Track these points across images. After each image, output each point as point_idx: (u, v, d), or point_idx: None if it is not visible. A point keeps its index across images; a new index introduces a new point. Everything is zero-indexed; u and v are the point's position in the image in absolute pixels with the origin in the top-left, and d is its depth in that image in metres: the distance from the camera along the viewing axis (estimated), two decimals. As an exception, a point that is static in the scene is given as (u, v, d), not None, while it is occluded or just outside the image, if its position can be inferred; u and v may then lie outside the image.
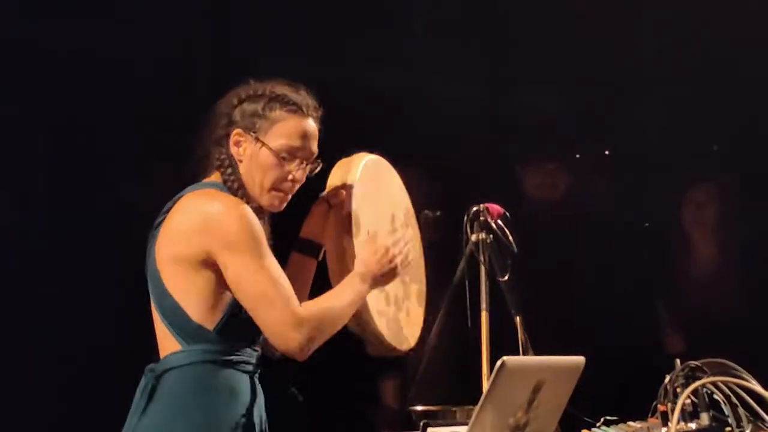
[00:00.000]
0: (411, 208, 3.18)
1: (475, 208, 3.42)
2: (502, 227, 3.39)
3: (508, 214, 3.43)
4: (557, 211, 5.04)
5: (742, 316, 4.74)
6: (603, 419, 2.94)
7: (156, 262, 2.78)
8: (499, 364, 2.44)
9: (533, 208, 5.02)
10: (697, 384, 2.78)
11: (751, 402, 2.78)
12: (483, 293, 3.39)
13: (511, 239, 3.38)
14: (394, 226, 3.06)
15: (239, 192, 2.83)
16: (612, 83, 4.88)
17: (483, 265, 3.38)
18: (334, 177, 2.96)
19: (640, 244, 4.98)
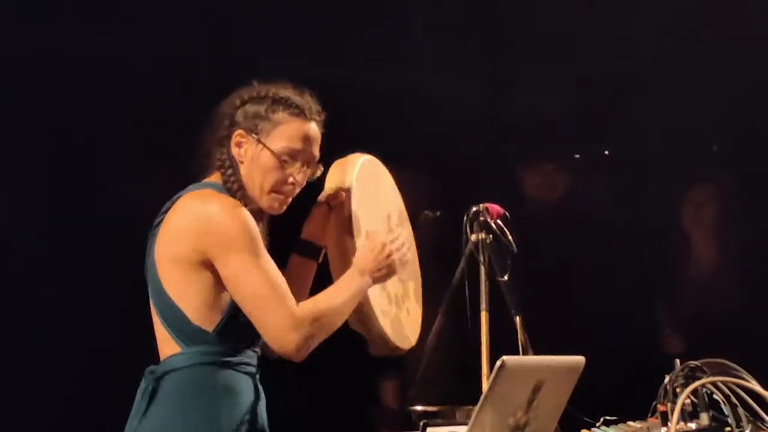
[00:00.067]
0: (404, 207, 3.18)
1: (474, 208, 3.41)
2: (502, 227, 3.39)
3: (507, 214, 3.43)
4: (557, 211, 5.04)
5: (742, 316, 4.74)
6: (603, 419, 2.94)
7: (155, 262, 2.78)
8: (498, 364, 2.44)
9: (533, 208, 5.01)
10: (697, 384, 2.78)
11: (751, 402, 2.78)
12: (483, 293, 3.38)
13: (510, 239, 3.37)
14: (389, 226, 3.06)
15: (239, 193, 2.81)
16: (612, 83, 4.88)
17: (483, 265, 3.38)
18: (332, 178, 2.95)
19: (640, 244, 4.97)
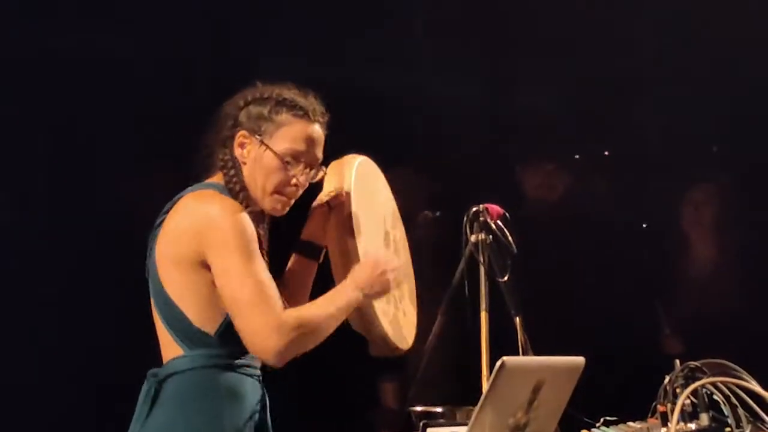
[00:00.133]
0: (396, 208, 3.17)
1: (474, 209, 3.41)
2: (502, 228, 3.39)
3: (507, 214, 3.43)
4: (557, 212, 5.04)
5: (742, 317, 4.74)
6: (603, 419, 2.94)
7: (156, 263, 2.77)
8: (498, 364, 2.44)
9: (533, 209, 5.01)
10: (697, 384, 2.78)
11: (751, 402, 2.79)
12: (483, 294, 3.38)
13: (510, 240, 3.37)
14: (385, 227, 3.06)
15: (241, 194, 2.79)
16: (612, 83, 4.88)
17: (483, 265, 3.38)
18: (330, 179, 2.94)
19: (639, 244, 4.98)
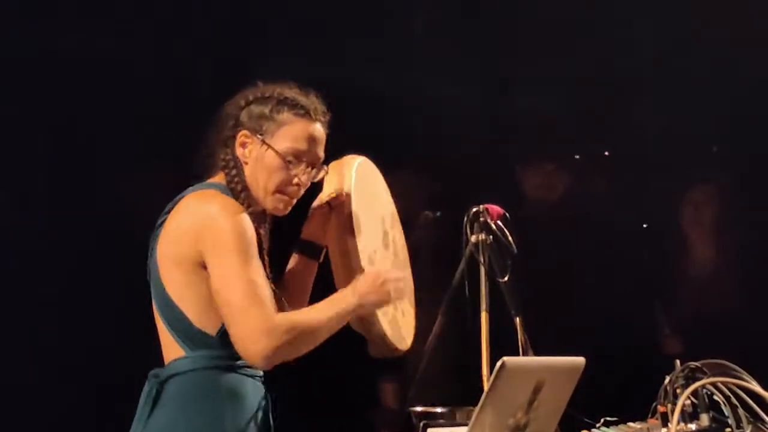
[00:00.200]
0: (395, 209, 3.17)
1: (474, 209, 3.41)
2: (502, 228, 3.39)
3: (507, 214, 3.42)
4: (557, 212, 5.04)
5: (742, 317, 4.74)
6: (603, 420, 2.94)
7: (157, 263, 2.76)
8: (499, 364, 2.44)
9: (533, 209, 5.01)
10: (697, 385, 2.78)
11: (751, 403, 2.79)
12: (483, 294, 3.38)
13: (510, 240, 3.37)
14: (384, 228, 3.06)
15: (242, 194, 2.79)
16: (612, 83, 4.88)
17: (483, 265, 3.38)
18: (330, 180, 2.93)
19: (639, 244, 4.97)
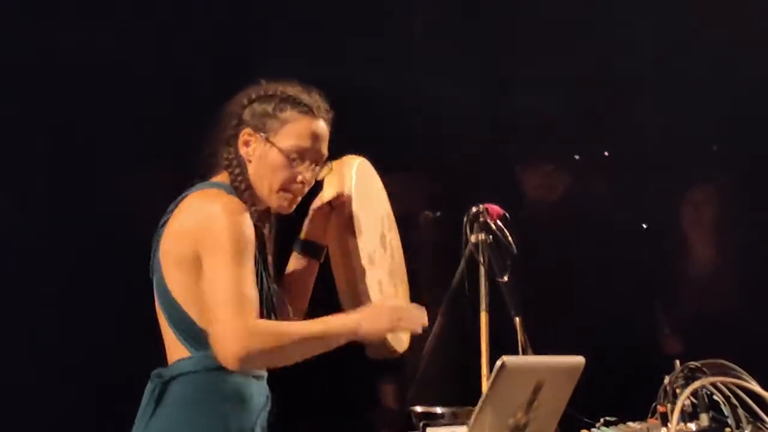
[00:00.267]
0: (391, 211, 3.17)
1: (474, 209, 3.40)
2: (502, 228, 3.38)
3: (507, 214, 3.42)
4: (557, 212, 5.04)
5: (741, 317, 4.74)
6: (602, 420, 2.94)
7: (160, 262, 2.74)
8: (498, 364, 2.44)
9: (533, 209, 5.01)
10: (697, 385, 2.78)
11: (751, 403, 2.79)
12: (483, 294, 3.38)
13: (510, 240, 3.37)
14: (382, 229, 3.05)
15: (246, 192, 2.77)
16: (612, 83, 4.88)
17: (482, 266, 3.38)
18: (330, 178, 2.92)
19: (640, 244, 4.98)
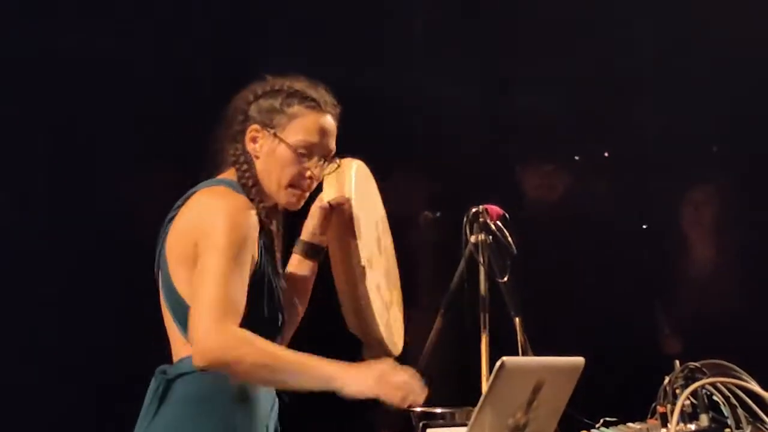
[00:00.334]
0: (385, 215, 3.16)
1: (474, 210, 3.41)
2: (502, 228, 3.39)
3: (507, 215, 3.42)
4: (557, 212, 5.04)
5: (741, 317, 4.74)
6: (602, 420, 2.95)
7: (166, 258, 2.72)
8: (498, 364, 2.43)
9: (533, 209, 5.02)
10: (697, 385, 2.78)
11: (751, 403, 2.79)
12: (482, 294, 3.39)
13: (510, 240, 3.37)
14: (378, 232, 3.05)
15: (254, 189, 2.75)
16: (612, 83, 4.88)
17: (482, 266, 3.38)
18: (329, 180, 2.90)
19: (639, 245, 4.98)
